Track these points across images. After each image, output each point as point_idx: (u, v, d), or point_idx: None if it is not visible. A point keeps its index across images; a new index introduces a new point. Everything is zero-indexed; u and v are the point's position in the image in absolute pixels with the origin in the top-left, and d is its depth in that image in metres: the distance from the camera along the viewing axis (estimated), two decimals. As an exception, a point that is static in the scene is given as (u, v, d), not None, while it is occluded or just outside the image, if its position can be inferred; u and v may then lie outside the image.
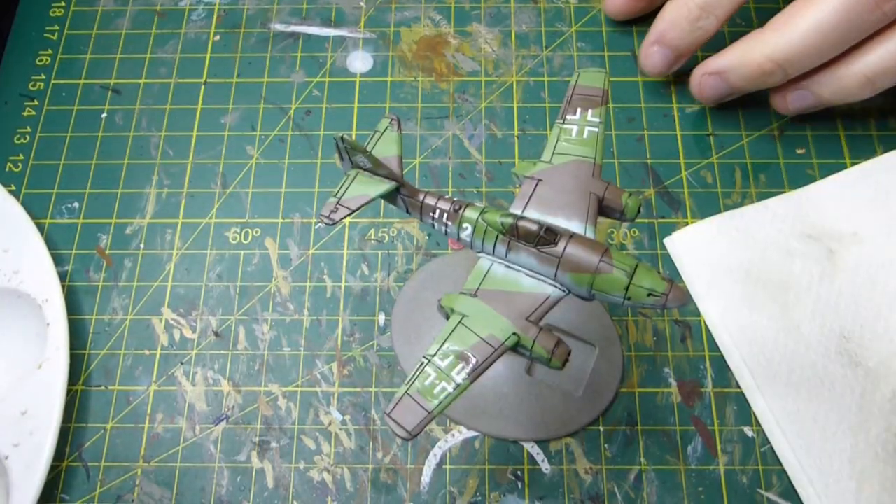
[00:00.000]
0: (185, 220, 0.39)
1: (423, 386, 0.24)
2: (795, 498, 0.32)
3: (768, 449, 0.33)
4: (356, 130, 0.41)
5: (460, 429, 0.34)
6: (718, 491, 0.33)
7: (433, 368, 0.25)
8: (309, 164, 0.40)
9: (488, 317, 0.26)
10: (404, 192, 0.29)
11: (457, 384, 0.24)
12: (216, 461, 0.34)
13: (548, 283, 0.26)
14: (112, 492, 0.34)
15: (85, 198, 0.40)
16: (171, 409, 0.35)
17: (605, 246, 0.25)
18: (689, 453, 0.33)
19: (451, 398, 0.24)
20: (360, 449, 0.34)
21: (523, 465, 0.33)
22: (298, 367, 0.36)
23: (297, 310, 0.37)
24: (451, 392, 0.24)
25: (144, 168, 0.40)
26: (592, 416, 0.33)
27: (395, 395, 0.24)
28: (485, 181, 0.39)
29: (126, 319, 0.37)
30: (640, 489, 0.33)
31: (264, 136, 0.41)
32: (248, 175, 0.40)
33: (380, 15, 0.44)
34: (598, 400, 0.34)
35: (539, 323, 0.25)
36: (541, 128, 0.40)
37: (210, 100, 0.42)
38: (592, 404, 0.34)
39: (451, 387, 0.24)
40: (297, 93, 0.42)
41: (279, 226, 0.39)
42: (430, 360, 0.25)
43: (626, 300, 0.25)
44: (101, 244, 0.38)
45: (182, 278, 0.38)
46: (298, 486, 0.33)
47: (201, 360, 0.36)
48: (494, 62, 0.42)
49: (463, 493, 0.33)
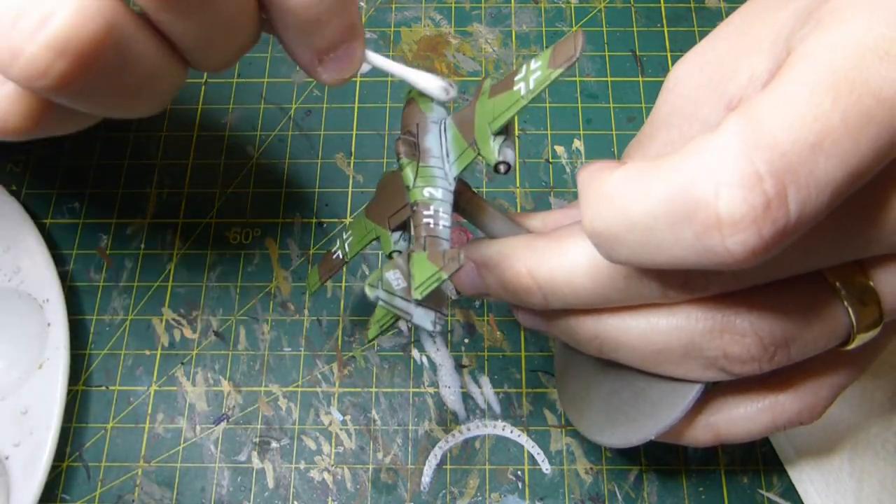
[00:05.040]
0: (185, 220, 0.39)
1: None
2: (796, 498, 0.32)
3: (769, 449, 0.33)
4: (356, 130, 0.41)
5: (461, 429, 0.34)
6: (719, 491, 0.33)
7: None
8: (309, 164, 0.40)
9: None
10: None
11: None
12: (216, 461, 0.34)
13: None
14: (112, 492, 0.34)
15: (85, 198, 0.40)
16: (171, 409, 0.35)
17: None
18: (690, 453, 0.33)
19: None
20: (361, 449, 0.34)
21: (524, 465, 0.33)
22: (299, 368, 0.36)
23: (297, 310, 0.37)
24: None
25: (144, 168, 0.40)
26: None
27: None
28: (485, 181, 0.39)
29: (127, 319, 0.37)
30: (640, 489, 0.33)
31: (264, 136, 0.41)
32: (248, 175, 0.40)
33: (380, 15, 0.44)
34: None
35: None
36: (541, 127, 0.40)
37: (210, 100, 0.42)
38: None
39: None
40: (297, 93, 0.42)
41: (279, 226, 0.39)
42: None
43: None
44: (101, 244, 0.38)
45: (182, 278, 0.38)
46: (299, 486, 0.33)
47: (202, 360, 0.36)
48: (495, 62, 0.42)
49: (463, 493, 0.33)
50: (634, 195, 0.18)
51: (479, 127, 0.23)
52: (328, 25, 0.22)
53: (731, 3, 0.43)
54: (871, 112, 0.16)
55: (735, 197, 0.16)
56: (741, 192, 0.16)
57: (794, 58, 0.17)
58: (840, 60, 0.16)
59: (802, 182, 0.16)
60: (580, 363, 0.28)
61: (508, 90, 0.22)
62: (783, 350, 0.21)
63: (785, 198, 0.16)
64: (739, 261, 0.17)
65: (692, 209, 0.16)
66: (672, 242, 0.17)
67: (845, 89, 0.16)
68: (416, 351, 0.36)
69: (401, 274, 0.22)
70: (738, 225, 0.16)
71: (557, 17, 0.43)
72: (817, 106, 0.16)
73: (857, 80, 0.16)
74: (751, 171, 0.16)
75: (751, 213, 0.16)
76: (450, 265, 0.21)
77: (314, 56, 0.23)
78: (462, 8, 0.44)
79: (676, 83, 0.24)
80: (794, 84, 0.16)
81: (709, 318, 0.21)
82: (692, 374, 0.23)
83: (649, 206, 0.17)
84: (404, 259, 0.22)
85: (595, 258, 0.21)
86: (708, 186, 0.16)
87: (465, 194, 0.25)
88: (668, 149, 0.23)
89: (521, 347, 0.36)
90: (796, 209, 0.16)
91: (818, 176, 0.16)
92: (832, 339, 0.22)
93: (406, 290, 0.22)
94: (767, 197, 0.16)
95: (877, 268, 0.21)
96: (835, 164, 0.16)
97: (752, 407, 0.25)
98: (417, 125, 0.25)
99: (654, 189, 0.17)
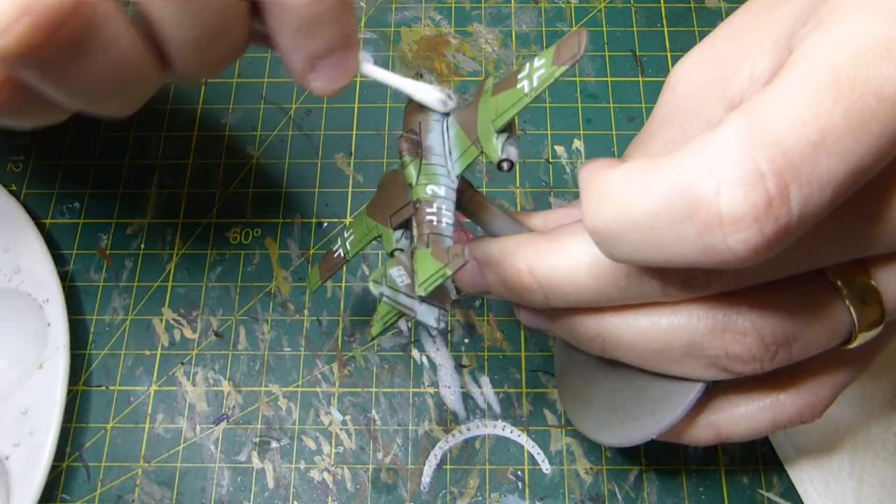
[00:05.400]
0: (185, 220, 0.39)
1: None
2: (796, 498, 0.32)
3: (769, 449, 0.33)
4: (356, 130, 0.41)
5: (461, 429, 0.34)
6: (719, 491, 0.33)
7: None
8: (309, 164, 0.40)
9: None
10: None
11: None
12: (216, 461, 0.34)
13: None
14: (112, 492, 0.34)
15: (85, 198, 0.40)
16: (171, 409, 0.35)
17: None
18: (690, 453, 0.33)
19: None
20: (361, 449, 0.34)
21: (524, 465, 0.33)
22: (299, 368, 0.36)
23: (297, 310, 0.37)
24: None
25: (144, 168, 0.40)
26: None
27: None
28: (485, 181, 0.39)
29: (126, 319, 0.37)
30: (640, 489, 0.33)
31: (264, 136, 0.41)
32: (248, 175, 0.40)
33: (380, 15, 0.44)
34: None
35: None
36: (541, 127, 0.40)
37: (210, 100, 0.42)
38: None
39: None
40: (297, 93, 0.42)
41: (279, 226, 0.39)
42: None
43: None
44: (101, 244, 0.38)
45: (182, 278, 0.38)
46: (299, 486, 0.33)
47: (202, 360, 0.36)
48: (495, 62, 0.42)
49: (463, 493, 0.33)
50: (635, 193, 0.18)
51: (481, 125, 0.23)
52: (325, 28, 0.22)
53: (731, 3, 0.43)
54: (872, 110, 0.16)
55: (737, 194, 0.16)
56: (743, 190, 0.16)
57: (795, 57, 0.17)
58: (841, 59, 0.16)
59: (804, 180, 0.16)
60: (580, 362, 0.28)
61: (512, 88, 0.22)
62: (785, 349, 0.21)
63: (787, 196, 0.16)
64: (741, 259, 0.17)
65: (693, 207, 0.16)
66: (673, 240, 0.17)
67: (847, 88, 0.16)
68: (416, 351, 0.36)
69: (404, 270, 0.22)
70: (741, 223, 0.16)
71: (557, 17, 0.43)
72: (819, 104, 0.16)
73: (858, 79, 0.16)
74: (753, 169, 0.16)
75: (753, 210, 0.16)
76: (454, 261, 0.21)
77: (308, 61, 0.23)
78: (462, 8, 0.44)
79: (678, 82, 0.24)
80: (796, 82, 0.16)
81: (710, 317, 0.21)
82: (693, 373, 0.23)
83: (650, 203, 0.17)
84: (408, 256, 0.22)
85: (596, 256, 0.21)
86: (709, 184, 0.16)
87: (468, 192, 0.25)
88: (670, 148, 0.23)
89: (521, 347, 0.36)
90: (798, 207, 0.16)
91: (820, 174, 0.16)
92: (834, 338, 0.22)
93: (410, 286, 0.22)
94: (769, 195, 0.16)
95: (878, 266, 0.21)
96: (836, 163, 0.16)
97: (753, 406, 0.25)
98: (420, 123, 0.25)
99: (655, 187, 0.17)
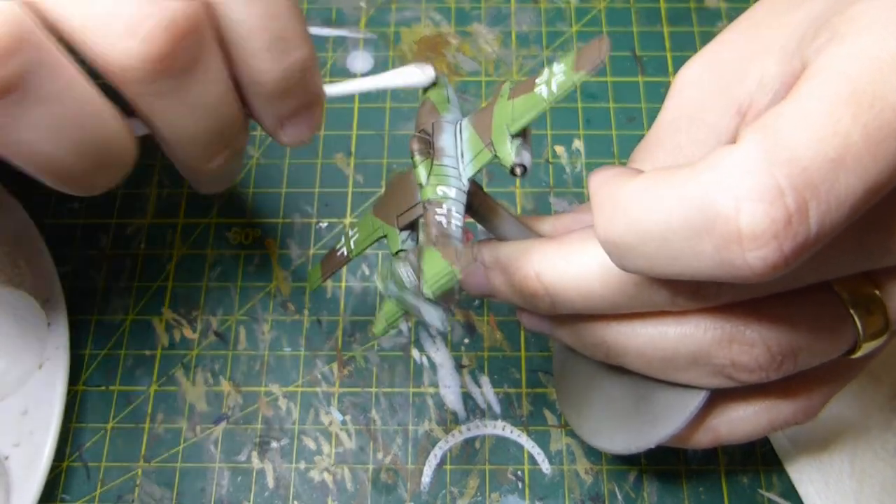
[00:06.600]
0: (185, 220, 0.39)
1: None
2: (796, 498, 0.32)
3: (769, 449, 0.33)
4: (356, 130, 0.41)
5: (461, 429, 0.34)
6: (719, 491, 0.33)
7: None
8: (309, 164, 0.40)
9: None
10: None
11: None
12: (216, 461, 0.34)
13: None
14: (112, 492, 0.34)
15: (85, 198, 0.40)
16: (171, 409, 0.35)
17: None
18: (690, 454, 0.33)
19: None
20: (361, 449, 0.34)
21: (524, 465, 0.33)
22: (299, 368, 0.36)
23: (297, 310, 0.37)
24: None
25: (144, 168, 0.40)
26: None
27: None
28: (485, 181, 0.39)
29: (126, 319, 0.37)
30: (640, 489, 0.33)
31: (264, 135, 0.41)
32: (248, 175, 0.40)
33: (380, 15, 0.44)
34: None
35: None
36: (541, 128, 0.40)
37: (210, 100, 0.42)
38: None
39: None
40: (297, 93, 0.42)
41: (279, 226, 0.39)
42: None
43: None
44: (101, 244, 0.38)
45: (182, 278, 0.38)
46: (299, 486, 0.33)
47: (202, 361, 0.36)
48: (495, 62, 0.42)
49: (463, 493, 0.33)
50: (651, 205, 0.18)
51: (496, 128, 0.23)
52: (291, 96, 0.23)
53: (731, 3, 0.43)
54: (890, 126, 0.16)
55: (757, 211, 0.16)
56: (763, 207, 0.16)
57: (811, 71, 0.17)
58: (858, 74, 0.16)
59: (823, 197, 0.16)
60: (579, 366, 0.28)
61: (529, 92, 0.22)
62: (790, 359, 0.21)
63: (806, 213, 0.16)
64: (759, 275, 0.17)
65: (711, 222, 0.16)
66: (689, 255, 0.17)
67: (865, 104, 0.16)
68: (416, 351, 0.36)
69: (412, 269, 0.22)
70: (760, 239, 0.16)
71: (557, 18, 0.43)
72: (837, 121, 0.16)
73: (876, 95, 0.16)
74: (772, 186, 0.16)
75: (772, 227, 0.16)
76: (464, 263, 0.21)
77: (277, 122, 0.24)
78: (462, 8, 0.44)
79: (683, 86, 0.23)
80: (813, 98, 0.16)
81: (718, 327, 0.21)
82: (698, 381, 0.23)
83: (666, 217, 0.17)
84: (416, 255, 0.22)
85: (605, 265, 0.21)
86: (728, 200, 0.16)
87: (479, 195, 0.25)
88: (677, 153, 0.23)
89: (521, 347, 0.36)
90: (816, 224, 0.16)
91: (838, 191, 0.16)
92: (839, 349, 0.22)
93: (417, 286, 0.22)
94: (789, 212, 0.16)
95: (883, 277, 0.21)
96: (854, 179, 0.16)
97: (750, 409, 0.25)
98: (433, 124, 0.24)
99: (671, 201, 0.17)
